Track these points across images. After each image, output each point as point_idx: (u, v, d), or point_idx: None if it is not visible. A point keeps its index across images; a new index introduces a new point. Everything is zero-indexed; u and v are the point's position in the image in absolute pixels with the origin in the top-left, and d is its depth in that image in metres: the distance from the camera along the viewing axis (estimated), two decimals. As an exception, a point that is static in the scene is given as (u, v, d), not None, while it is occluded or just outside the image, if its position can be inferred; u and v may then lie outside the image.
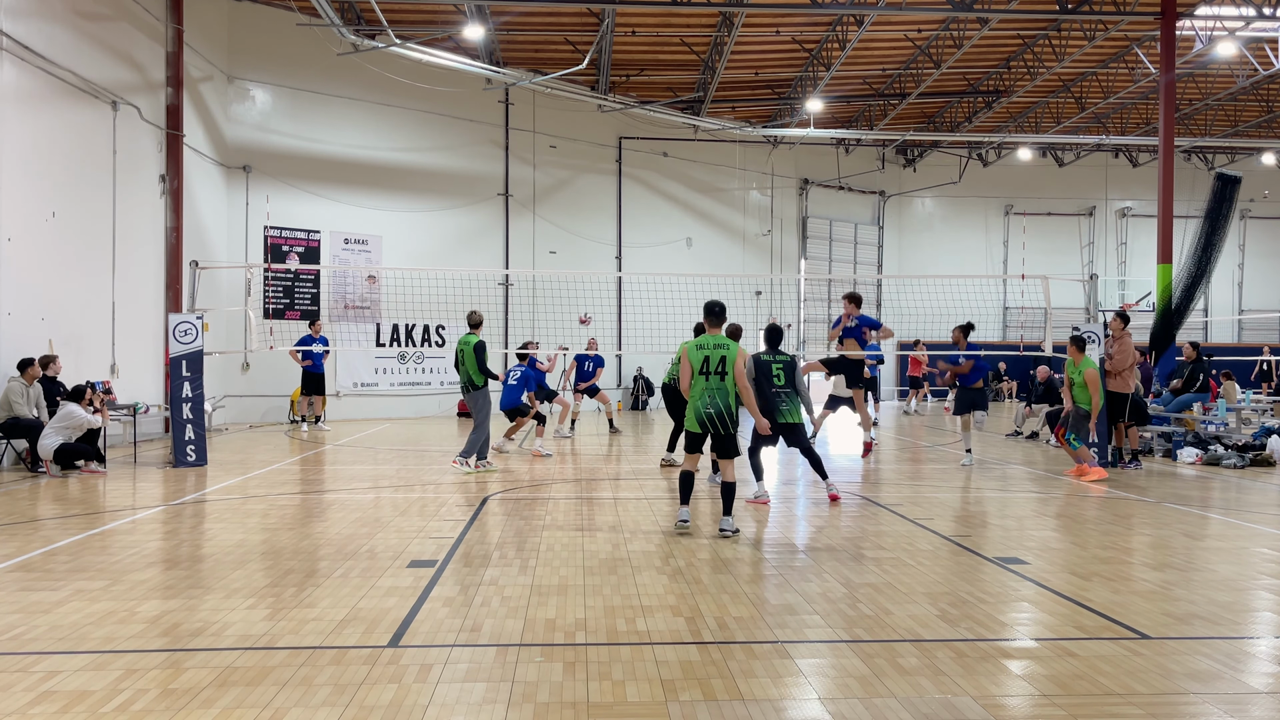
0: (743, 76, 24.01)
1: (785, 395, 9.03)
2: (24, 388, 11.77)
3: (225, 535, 7.72)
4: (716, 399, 7.38)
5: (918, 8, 18.73)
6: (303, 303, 20.97)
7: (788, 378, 9.08)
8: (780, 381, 9.04)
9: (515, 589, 5.93)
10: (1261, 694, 4.18)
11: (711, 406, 7.36)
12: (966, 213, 31.77)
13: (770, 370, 9.05)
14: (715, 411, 7.35)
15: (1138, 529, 8.18)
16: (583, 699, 4.07)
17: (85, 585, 6.02)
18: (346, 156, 21.40)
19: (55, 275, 13.60)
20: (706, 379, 7.40)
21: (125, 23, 15.57)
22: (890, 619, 5.30)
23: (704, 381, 7.41)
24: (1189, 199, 21.91)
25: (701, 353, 7.49)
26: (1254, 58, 22.36)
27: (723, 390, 7.37)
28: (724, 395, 7.37)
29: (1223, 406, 14.19)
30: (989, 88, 24.92)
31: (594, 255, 25.15)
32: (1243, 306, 31.68)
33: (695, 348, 7.53)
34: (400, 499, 9.62)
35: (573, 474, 11.70)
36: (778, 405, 8.97)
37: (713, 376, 7.37)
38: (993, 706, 4.01)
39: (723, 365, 7.41)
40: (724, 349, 7.48)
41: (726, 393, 7.39)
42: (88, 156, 14.50)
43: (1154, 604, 5.66)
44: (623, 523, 8.31)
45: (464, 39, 20.39)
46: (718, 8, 18.82)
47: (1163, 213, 17.93)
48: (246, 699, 4.06)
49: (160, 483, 10.89)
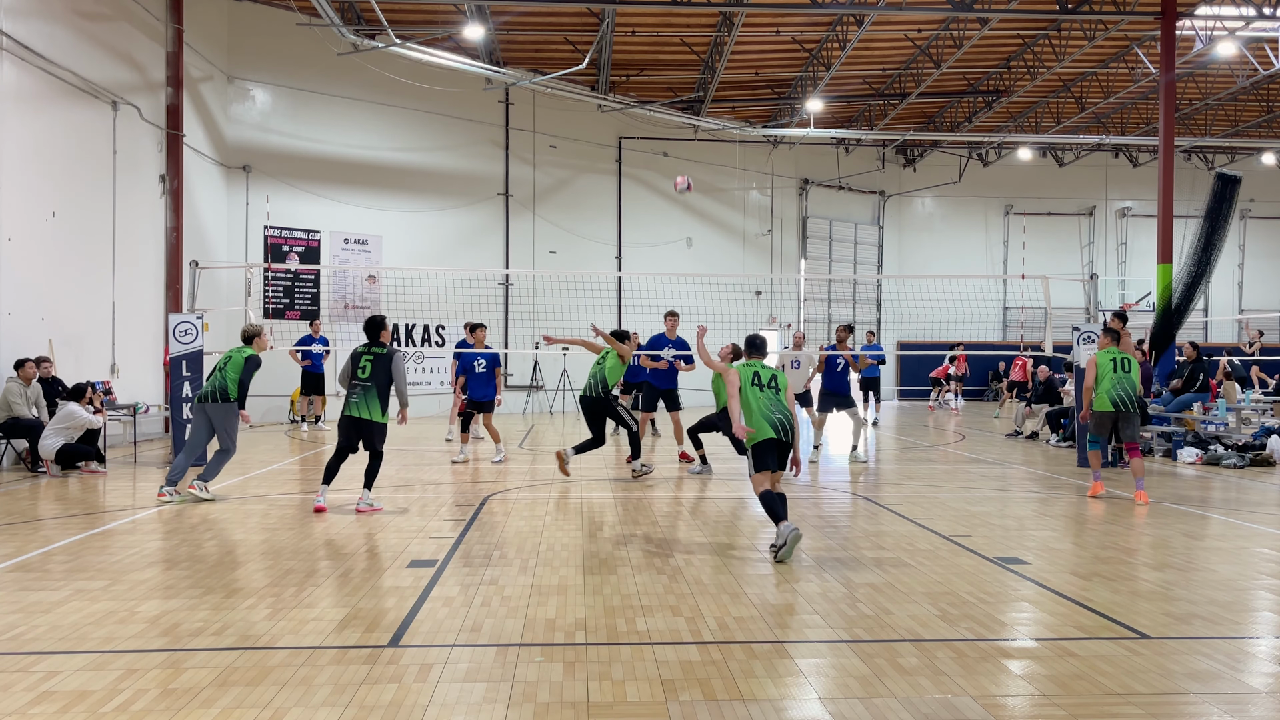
0: (743, 76, 24.01)
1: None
2: (22, 388, 11.77)
3: (225, 535, 7.72)
4: (781, 406, 7.18)
5: (918, 8, 18.72)
6: (303, 303, 20.97)
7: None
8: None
9: (515, 589, 5.93)
10: (1261, 694, 4.18)
11: (779, 413, 7.12)
12: (966, 213, 31.76)
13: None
14: (784, 417, 7.12)
15: (1138, 529, 8.18)
16: (583, 699, 4.07)
17: (85, 585, 6.02)
18: (346, 156, 21.39)
19: (55, 275, 13.60)
20: (762, 390, 7.21)
21: (125, 23, 15.57)
22: (890, 619, 5.30)
23: (759, 393, 7.20)
24: (1189, 199, 21.91)
25: (750, 368, 7.35)
26: (1254, 58, 22.35)
27: (781, 403, 7.20)
28: (783, 407, 7.20)
29: (1223, 406, 14.19)
30: (989, 88, 24.91)
31: (594, 255, 25.14)
32: (1243, 306, 31.65)
33: (744, 365, 7.40)
34: (400, 499, 9.62)
35: (573, 474, 11.70)
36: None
37: (767, 390, 7.20)
38: (993, 706, 4.01)
39: (775, 381, 7.28)
40: (774, 371, 7.39)
41: (784, 405, 7.21)
42: (88, 156, 14.50)
43: (1154, 604, 5.66)
44: (623, 522, 8.31)
45: (464, 39, 20.39)
46: (718, 8, 18.82)
47: (1163, 213, 17.93)
48: (246, 699, 4.06)
49: (160, 483, 10.88)
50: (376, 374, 8.70)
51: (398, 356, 8.77)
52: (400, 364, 8.76)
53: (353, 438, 8.79)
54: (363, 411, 8.68)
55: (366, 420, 8.71)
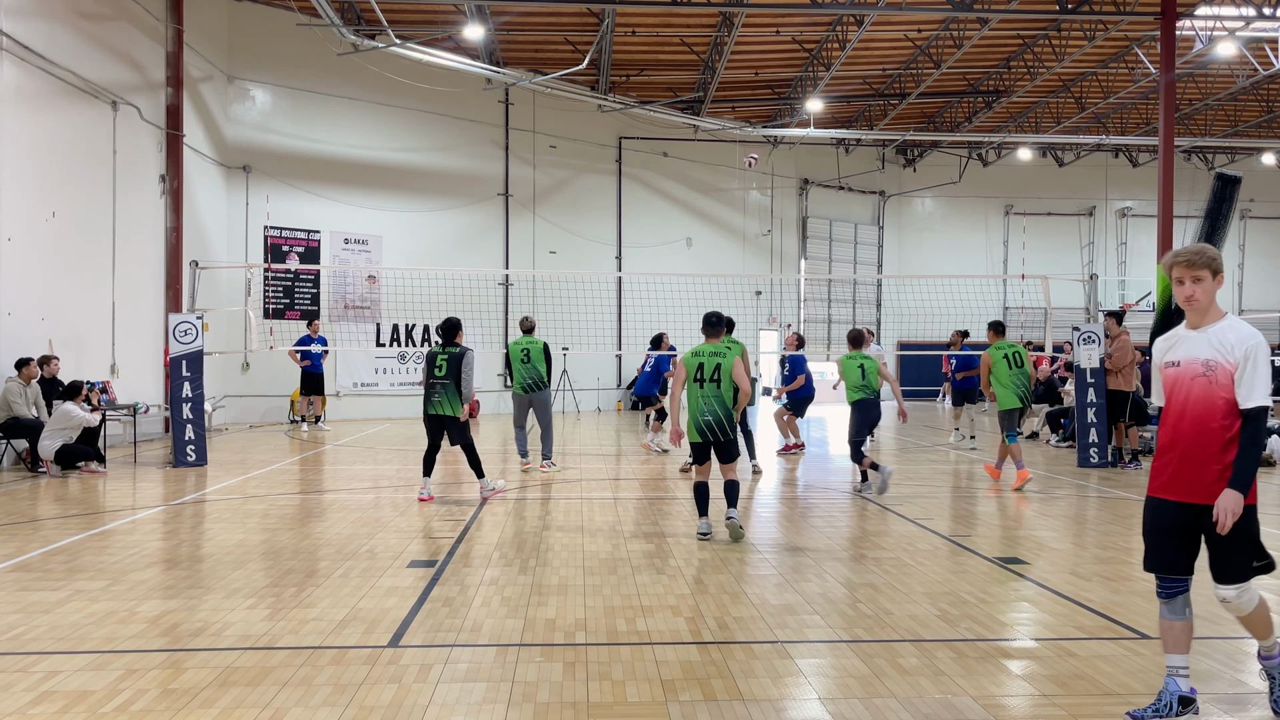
0: (743, 76, 24.01)
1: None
2: (21, 387, 11.77)
3: (225, 535, 7.72)
4: (714, 405, 7.30)
5: (918, 8, 18.73)
6: (303, 303, 20.97)
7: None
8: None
9: (515, 589, 5.93)
10: (1261, 694, 4.18)
11: (709, 414, 7.28)
12: (966, 213, 31.76)
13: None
14: (714, 418, 7.25)
15: (1138, 529, 8.16)
16: (583, 699, 4.07)
17: (85, 585, 6.02)
18: (346, 156, 21.40)
19: (55, 275, 13.60)
20: (702, 386, 7.31)
21: (125, 23, 15.57)
22: (890, 619, 5.30)
23: (699, 389, 7.32)
24: (1189, 199, 21.93)
25: (697, 359, 7.41)
26: (1254, 58, 22.36)
27: (719, 397, 7.29)
28: (720, 402, 7.29)
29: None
30: (989, 88, 24.91)
31: (594, 255, 25.15)
32: (1243, 306, 31.65)
33: (692, 355, 7.47)
34: (400, 499, 9.62)
35: (573, 474, 11.70)
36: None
37: (708, 384, 7.28)
38: (993, 706, 4.01)
39: (717, 372, 7.32)
40: (720, 356, 7.42)
41: (723, 399, 7.30)
42: (88, 156, 14.50)
43: (1154, 604, 5.64)
44: (623, 522, 8.31)
45: (464, 39, 20.39)
46: (718, 8, 18.82)
47: (1163, 213, 17.93)
48: (246, 699, 4.06)
49: (160, 483, 10.89)
50: (452, 372, 9.13)
51: (468, 355, 9.23)
52: (470, 362, 9.22)
53: (437, 433, 9.31)
54: (444, 409, 9.14)
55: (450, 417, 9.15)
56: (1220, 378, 3.68)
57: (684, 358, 7.51)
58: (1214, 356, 3.70)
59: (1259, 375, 3.63)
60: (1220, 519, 3.58)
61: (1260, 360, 3.64)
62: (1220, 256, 3.84)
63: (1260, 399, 3.64)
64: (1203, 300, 3.77)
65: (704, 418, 7.33)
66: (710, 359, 7.39)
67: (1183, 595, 3.78)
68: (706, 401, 7.34)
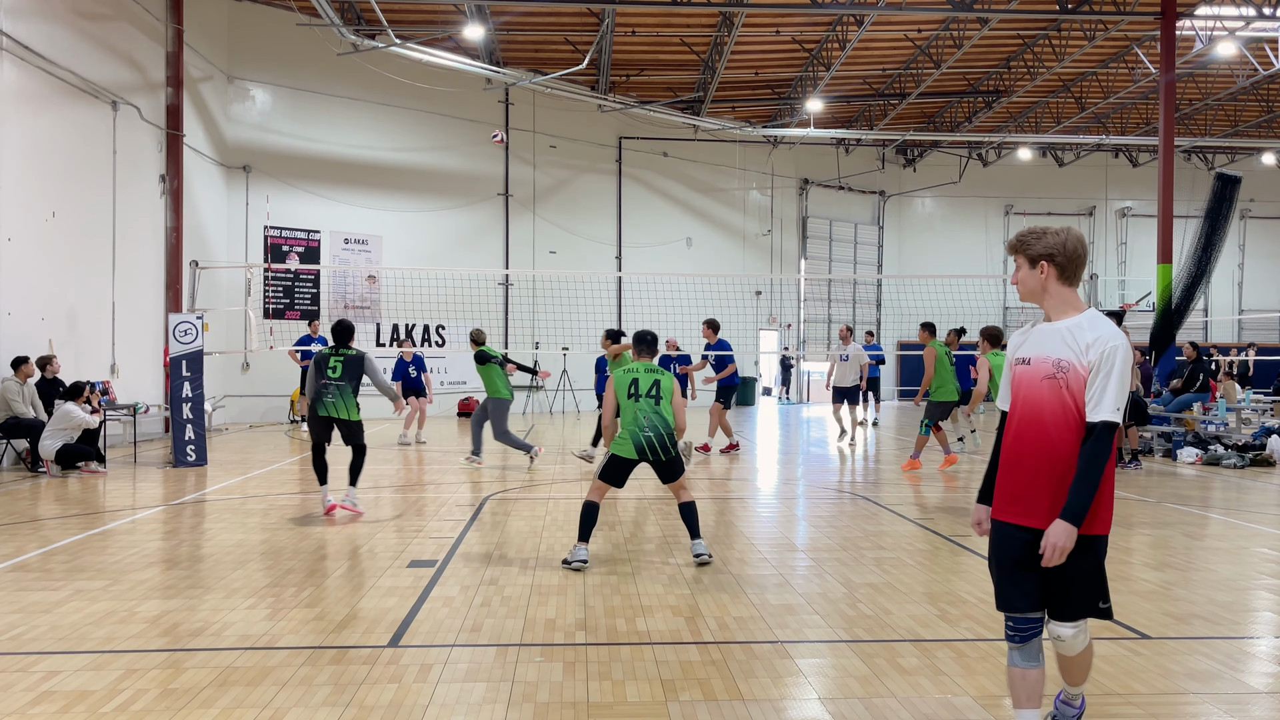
0: (743, 76, 24.01)
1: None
2: (19, 386, 11.76)
3: (225, 535, 7.72)
4: (655, 420, 6.69)
5: (918, 8, 18.73)
6: (303, 303, 20.97)
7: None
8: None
9: (515, 589, 5.93)
10: (1261, 694, 4.18)
11: (650, 429, 6.65)
12: (966, 213, 31.77)
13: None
14: (655, 434, 6.65)
15: (1138, 529, 8.18)
16: (583, 699, 4.07)
17: (85, 585, 6.01)
18: (346, 156, 21.40)
19: (55, 275, 13.60)
20: (638, 401, 6.73)
21: (125, 23, 15.57)
22: (890, 619, 5.30)
23: (634, 404, 6.73)
24: (1189, 199, 21.93)
25: (630, 375, 6.82)
26: (1254, 58, 22.36)
27: (659, 413, 6.72)
28: (661, 418, 6.72)
29: (1223, 406, 14.19)
30: (989, 88, 24.92)
31: (594, 255, 25.15)
32: (1243, 306, 31.67)
33: (623, 372, 6.88)
34: (400, 499, 9.62)
35: (574, 474, 11.71)
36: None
37: (645, 399, 6.73)
38: (993, 706, 4.01)
39: (656, 389, 6.77)
40: (657, 374, 6.88)
41: (664, 416, 6.74)
42: (88, 156, 14.50)
43: (1154, 604, 5.66)
44: (623, 523, 8.31)
45: (464, 39, 20.39)
46: (718, 8, 18.83)
47: (1163, 213, 17.93)
48: (246, 699, 4.06)
49: (160, 483, 10.89)
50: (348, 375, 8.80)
51: (369, 359, 8.94)
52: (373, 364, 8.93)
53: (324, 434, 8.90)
54: (337, 411, 8.73)
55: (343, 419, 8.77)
56: (1073, 382, 3.12)
57: (616, 376, 6.90)
58: (1068, 356, 3.13)
59: (1111, 384, 3.06)
60: (1046, 554, 3.05)
61: (1117, 366, 3.07)
62: (1060, 246, 3.19)
63: (1108, 413, 3.06)
64: (1024, 287, 3.26)
65: (644, 434, 6.65)
66: (646, 375, 6.82)
67: (1037, 638, 3.24)
68: (646, 416, 6.69)
